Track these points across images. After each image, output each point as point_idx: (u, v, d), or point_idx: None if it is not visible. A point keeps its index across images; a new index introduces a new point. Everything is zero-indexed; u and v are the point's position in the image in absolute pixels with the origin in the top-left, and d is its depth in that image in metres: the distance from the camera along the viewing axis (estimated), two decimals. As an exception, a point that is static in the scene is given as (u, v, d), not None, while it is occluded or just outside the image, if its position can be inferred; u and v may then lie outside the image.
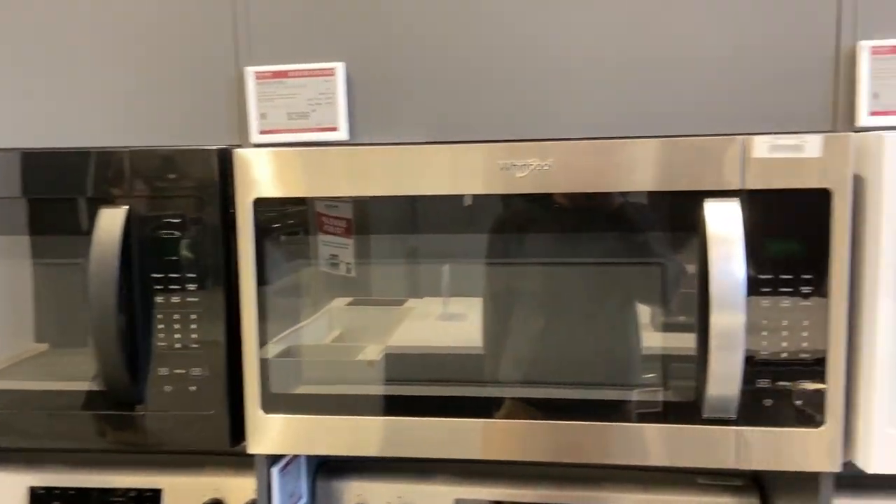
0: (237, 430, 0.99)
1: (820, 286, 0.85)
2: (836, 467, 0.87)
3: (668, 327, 0.89)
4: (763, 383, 0.86)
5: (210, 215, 0.95)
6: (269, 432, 0.97)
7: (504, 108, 0.96)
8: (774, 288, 0.85)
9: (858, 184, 0.85)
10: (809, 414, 0.86)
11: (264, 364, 0.96)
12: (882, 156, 0.82)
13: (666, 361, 0.89)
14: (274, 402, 0.96)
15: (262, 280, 0.95)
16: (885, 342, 0.83)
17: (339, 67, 0.97)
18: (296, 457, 1.11)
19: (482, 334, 0.93)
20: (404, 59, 0.97)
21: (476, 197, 0.90)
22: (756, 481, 1.14)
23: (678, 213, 0.87)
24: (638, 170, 0.86)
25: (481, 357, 0.94)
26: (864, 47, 0.87)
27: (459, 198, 0.91)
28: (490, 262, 0.92)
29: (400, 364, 0.95)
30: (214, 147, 0.96)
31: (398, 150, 0.92)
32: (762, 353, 0.86)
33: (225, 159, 0.96)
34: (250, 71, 0.98)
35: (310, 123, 0.98)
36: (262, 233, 0.94)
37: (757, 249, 0.85)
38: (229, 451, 1.00)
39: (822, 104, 0.90)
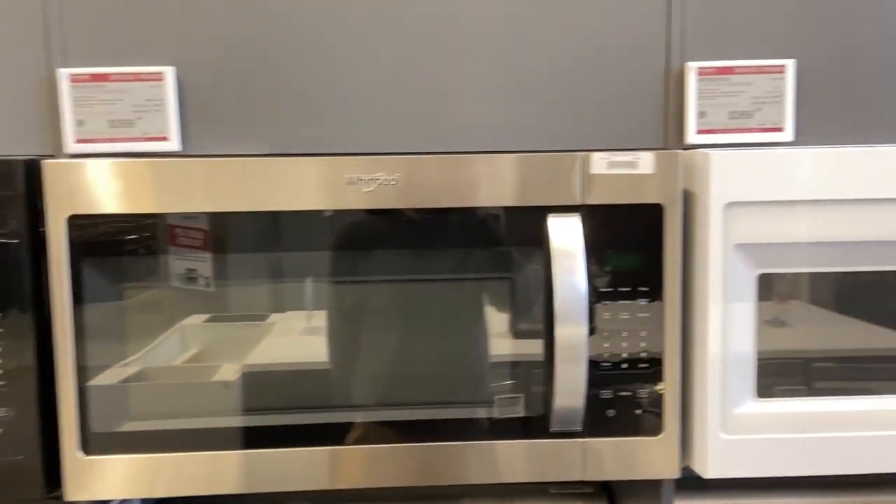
0: (54, 475, 0.88)
1: (656, 297, 0.88)
2: (675, 474, 0.90)
3: (518, 343, 0.89)
4: (606, 394, 0.88)
5: (15, 233, 0.85)
6: (92, 475, 0.87)
7: (349, 121, 0.93)
8: (615, 300, 0.87)
9: (689, 198, 0.89)
10: (650, 423, 0.89)
11: (85, 396, 0.86)
12: (708, 172, 0.86)
13: (517, 378, 0.89)
14: (98, 441, 0.87)
15: (80, 302, 0.85)
16: (716, 350, 0.87)
17: (169, 72, 0.90)
18: (125, 501, 1.01)
19: (332, 355, 0.89)
20: (242, 67, 0.92)
21: (331, 212, 0.87)
22: (605, 487, 1.17)
23: (526, 228, 0.87)
24: (485, 185, 0.86)
25: (331, 379, 0.89)
26: (692, 68, 0.92)
27: (317, 212, 0.87)
28: (338, 280, 0.89)
29: (257, 386, 0.89)
30: (21, 157, 0.86)
31: (238, 163, 0.86)
32: (605, 364, 0.88)
33: (34, 171, 0.86)
34: (64, 73, 0.89)
35: (135, 132, 0.90)
36: (81, 251, 0.85)
37: (598, 262, 0.86)
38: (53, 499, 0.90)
39: (654, 122, 0.94)
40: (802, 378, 0.90)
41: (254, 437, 0.88)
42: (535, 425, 0.89)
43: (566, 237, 0.85)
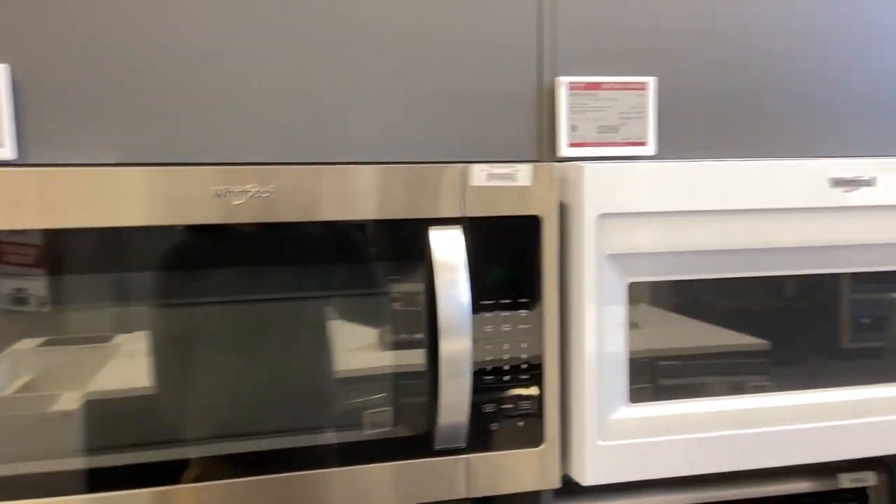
0: None
1: (535, 307, 0.89)
2: (554, 484, 0.91)
3: (400, 358, 0.86)
4: (489, 407, 0.87)
5: None
6: None
7: (215, 129, 0.87)
8: (496, 311, 0.87)
9: (564, 210, 0.90)
10: (531, 433, 0.89)
11: None
12: (582, 185, 0.88)
13: (398, 396, 0.86)
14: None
15: None
16: (591, 357, 0.89)
17: (2, 70, 0.80)
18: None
19: (184, 381, 0.82)
20: (87, 67, 0.83)
21: (195, 227, 0.80)
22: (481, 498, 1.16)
23: (406, 241, 0.85)
24: (365, 197, 0.83)
25: (175, 409, 0.82)
26: (563, 83, 0.94)
27: (168, 227, 0.79)
28: (190, 301, 0.82)
29: (100, 417, 0.79)
30: None
31: (87, 173, 0.78)
32: (488, 377, 0.87)
33: None
34: None
35: (-40, 137, 0.79)
36: None
37: (480, 274, 0.86)
38: None
39: (529, 135, 0.95)
40: (674, 380, 0.94)
41: (94, 480, 0.79)
42: (416, 444, 0.86)
43: (448, 250, 0.83)
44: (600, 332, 0.90)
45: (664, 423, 0.92)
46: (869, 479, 1.27)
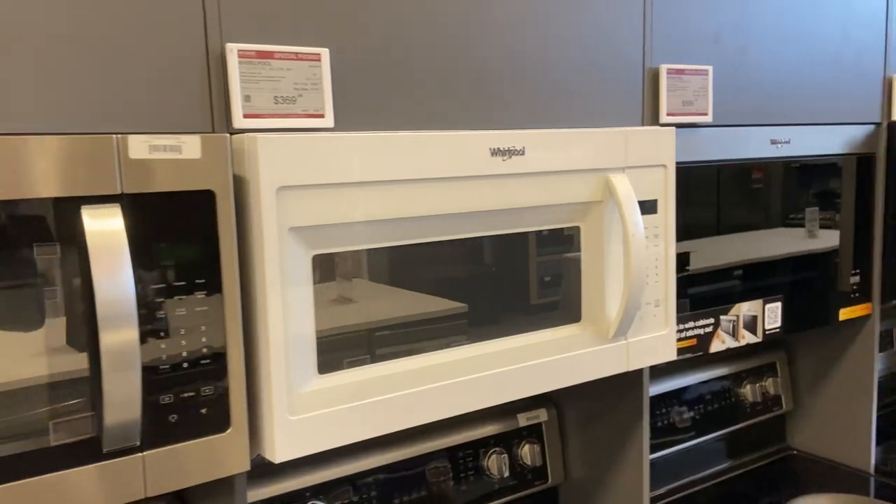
0: None
1: (214, 288, 0.84)
2: (245, 467, 0.88)
3: (56, 364, 0.76)
4: (167, 399, 0.81)
5: None
6: None
7: None
8: (170, 296, 0.81)
9: (241, 184, 0.86)
10: (217, 420, 0.85)
11: None
12: (257, 157, 0.85)
13: (52, 401, 0.76)
14: None
15: None
16: (277, 333, 0.87)
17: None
18: None
19: None
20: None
21: None
22: (178, 495, 1.09)
23: (57, 224, 0.74)
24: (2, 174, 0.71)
25: None
26: (232, 50, 0.89)
27: None
28: None
29: None
30: None
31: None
32: (163, 367, 0.81)
33: None
34: None
35: None
36: None
37: (148, 256, 0.79)
38: None
39: (200, 105, 0.89)
40: (365, 349, 0.96)
41: None
42: (84, 450, 0.77)
43: (105, 232, 0.75)
44: (287, 307, 0.88)
45: (353, 390, 0.94)
46: (542, 415, 1.44)
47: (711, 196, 1.34)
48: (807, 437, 1.83)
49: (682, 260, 1.30)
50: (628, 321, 1.12)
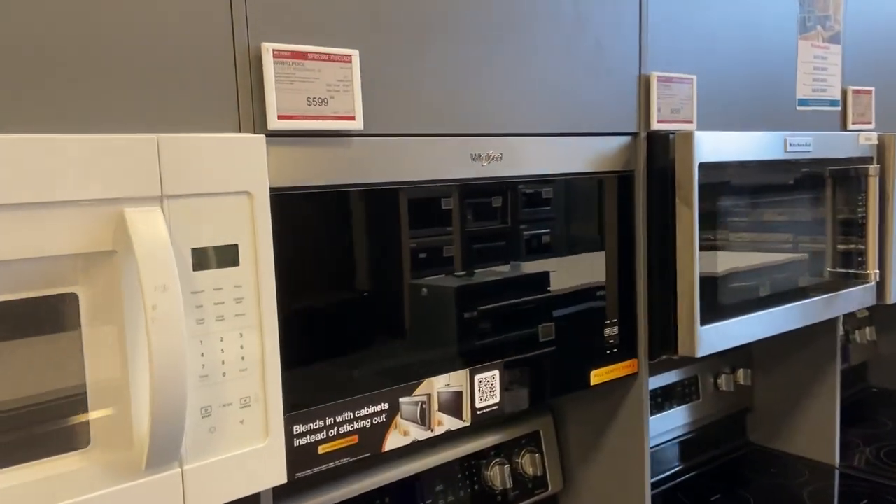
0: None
1: None
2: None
3: None
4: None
5: None
6: None
7: None
8: None
9: None
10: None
11: None
12: None
13: None
14: None
15: None
16: None
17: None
18: None
19: None
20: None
21: None
22: None
23: None
24: None
25: None
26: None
27: None
28: None
29: None
30: None
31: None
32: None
33: None
34: None
35: None
36: None
37: None
38: None
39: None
40: None
41: None
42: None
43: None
44: None
45: None
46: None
47: (382, 234, 0.95)
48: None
49: (333, 322, 0.91)
50: (168, 441, 0.69)
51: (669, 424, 1.74)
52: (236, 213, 0.75)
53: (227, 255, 0.74)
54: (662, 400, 1.72)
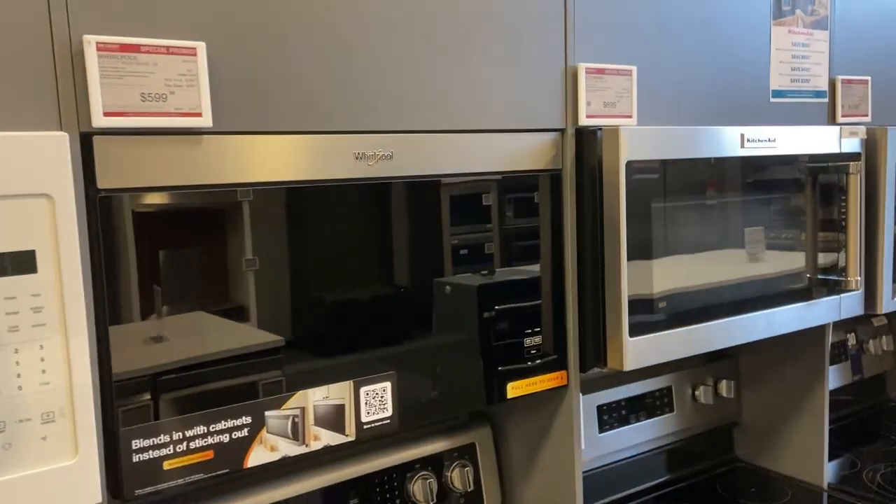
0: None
1: None
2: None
3: None
4: None
5: None
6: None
7: None
8: None
9: None
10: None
11: None
12: None
13: None
14: None
15: None
16: None
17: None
18: None
19: None
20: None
21: None
22: None
23: None
24: None
25: None
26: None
27: None
28: None
29: None
30: None
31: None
32: None
33: None
34: None
35: None
36: None
37: None
38: None
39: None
40: None
41: None
42: None
43: None
44: None
45: None
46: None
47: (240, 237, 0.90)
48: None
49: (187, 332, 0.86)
50: (-60, 459, 0.66)
51: (637, 438, 1.64)
52: (33, 216, 0.71)
53: (21, 262, 0.70)
54: (627, 412, 1.62)
